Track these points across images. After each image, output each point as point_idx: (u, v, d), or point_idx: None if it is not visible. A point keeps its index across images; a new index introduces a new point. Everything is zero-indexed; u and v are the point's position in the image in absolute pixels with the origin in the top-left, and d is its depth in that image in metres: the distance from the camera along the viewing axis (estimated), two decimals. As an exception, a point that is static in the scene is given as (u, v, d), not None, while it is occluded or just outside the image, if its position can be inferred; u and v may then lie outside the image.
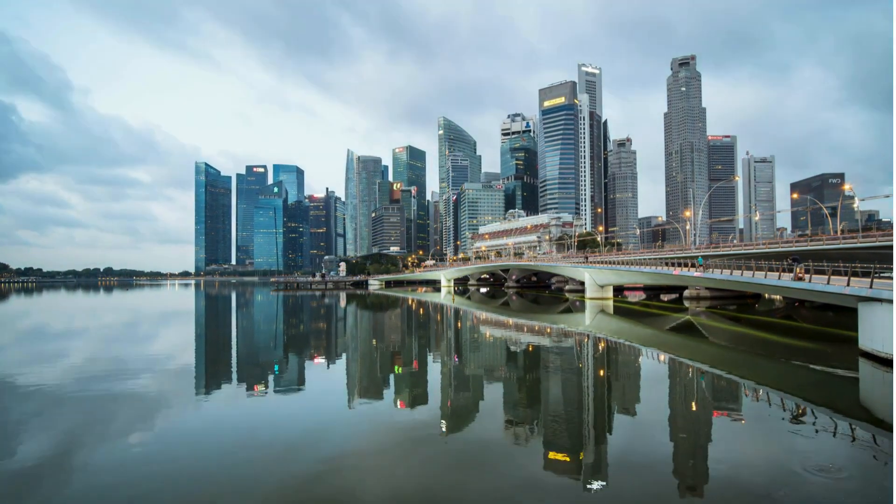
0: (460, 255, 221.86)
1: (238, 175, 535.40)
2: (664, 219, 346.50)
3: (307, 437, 13.50)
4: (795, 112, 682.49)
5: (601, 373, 23.36)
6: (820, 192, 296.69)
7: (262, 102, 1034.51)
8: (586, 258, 77.22)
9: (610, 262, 67.83)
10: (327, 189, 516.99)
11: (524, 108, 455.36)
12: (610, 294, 64.43)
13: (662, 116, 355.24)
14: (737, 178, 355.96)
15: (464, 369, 24.14)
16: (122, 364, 24.49)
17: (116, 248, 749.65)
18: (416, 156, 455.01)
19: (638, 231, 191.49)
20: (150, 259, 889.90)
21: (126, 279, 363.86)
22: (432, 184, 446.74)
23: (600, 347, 30.79)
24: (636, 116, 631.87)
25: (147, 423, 14.73)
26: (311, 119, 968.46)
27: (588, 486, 10.43)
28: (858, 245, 45.81)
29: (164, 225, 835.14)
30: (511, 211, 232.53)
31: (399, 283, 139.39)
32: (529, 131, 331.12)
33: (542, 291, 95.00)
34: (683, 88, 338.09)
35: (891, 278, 24.02)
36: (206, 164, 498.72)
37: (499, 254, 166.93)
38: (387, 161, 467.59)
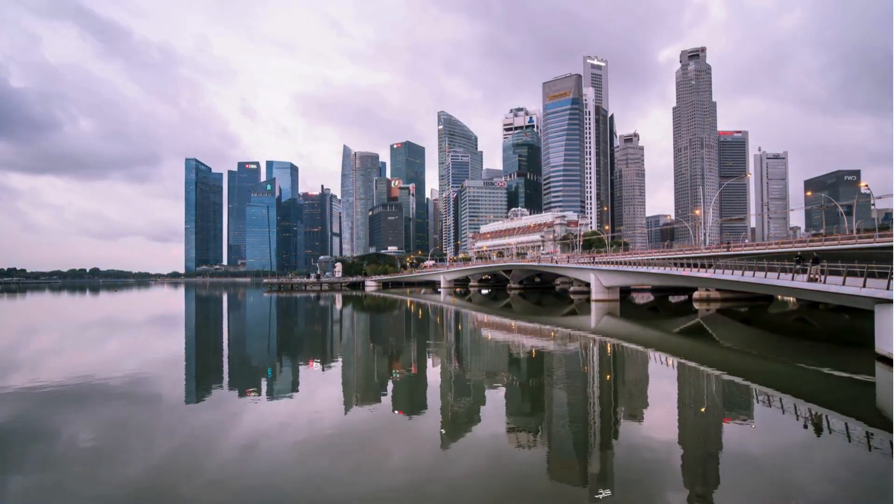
0: (461, 256, 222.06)
1: (230, 172, 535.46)
2: (673, 217, 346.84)
3: (300, 445, 13.50)
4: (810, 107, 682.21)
5: (607, 378, 23.37)
6: (835, 189, 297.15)
7: (255, 97, 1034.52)
8: (592, 259, 77.24)
9: (616, 263, 67.83)
10: (322, 186, 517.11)
11: (527, 103, 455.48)
12: (616, 296, 64.43)
13: (671, 111, 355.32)
14: (749, 175, 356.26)
15: (464, 374, 24.15)
16: (106, 371, 24.51)
17: (103, 249, 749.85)
18: (414, 152, 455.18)
19: (646, 230, 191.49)
20: (138, 259, 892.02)
21: (113, 280, 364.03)
22: (432, 181, 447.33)
23: (606, 351, 30.81)
24: (644, 110, 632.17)
25: (133, 432, 14.74)
26: (306, 113, 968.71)
27: (594, 496, 10.44)
28: (875, 245, 45.79)
29: (153, 224, 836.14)
30: (513, 209, 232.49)
31: (397, 285, 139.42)
32: (533, 126, 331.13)
33: (545, 293, 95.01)
34: (693, 82, 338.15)
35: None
36: (197, 161, 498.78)
37: (501, 254, 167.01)
38: (384, 157, 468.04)
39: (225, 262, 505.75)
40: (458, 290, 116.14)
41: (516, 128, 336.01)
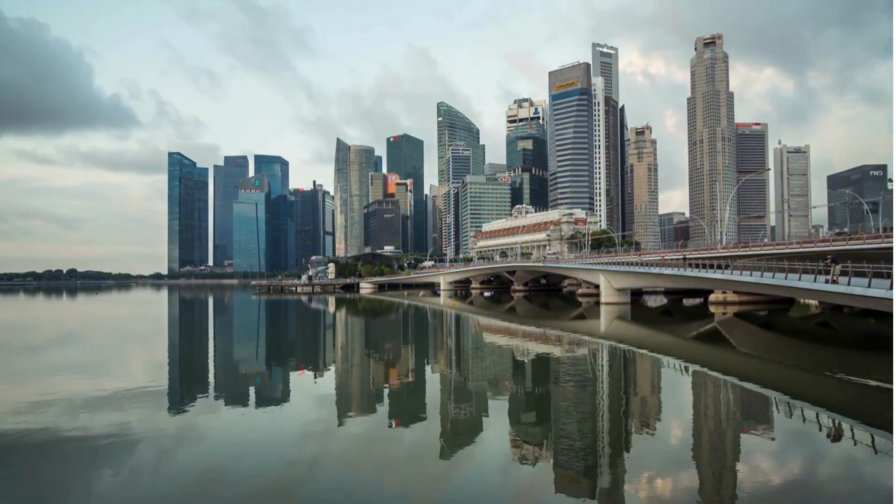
0: (461, 256, 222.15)
1: (216, 167, 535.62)
2: (687, 216, 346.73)
3: (291, 458, 13.48)
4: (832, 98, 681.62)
5: (618, 386, 23.38)
6: (860, 185, 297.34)
7: (243, 87, 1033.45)
8: (601, 259, 77.30)
9: (627, 264, 67.86)
10: (314, 182, 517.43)
11: (532, 93, 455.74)
12: (627, 298, 64.47)
13: (686, 102, 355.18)
14: (768, 171, 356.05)
15: (465, 383, 24.15)
16: (81, 384, 24.51)
17: (81, 248, 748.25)
18: (412, 145, 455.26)
19: (658, 229, 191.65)
20: (119, 260, 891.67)
21: (92, 282, 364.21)
22: (431, 177, 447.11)
23: (617, 358, 30.82)
24: (656, 101, 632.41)
25: (118, 444, 14.72)
26: (297, 104, 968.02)
27: (603, 512, 10.42)
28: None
29: (135, 223, 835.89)
30: (518, 206, 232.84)
31: (394, 286, 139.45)
32: (538, 118, 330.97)
33: (552, 295, 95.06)
34: (709, 71, 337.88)
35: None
36: (180, 155, 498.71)
37: (504, 254, 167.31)
38: (380, 151, 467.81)
39: (211, 262, 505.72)
40: (458, 292, 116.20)
41: (521, 119, 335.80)
